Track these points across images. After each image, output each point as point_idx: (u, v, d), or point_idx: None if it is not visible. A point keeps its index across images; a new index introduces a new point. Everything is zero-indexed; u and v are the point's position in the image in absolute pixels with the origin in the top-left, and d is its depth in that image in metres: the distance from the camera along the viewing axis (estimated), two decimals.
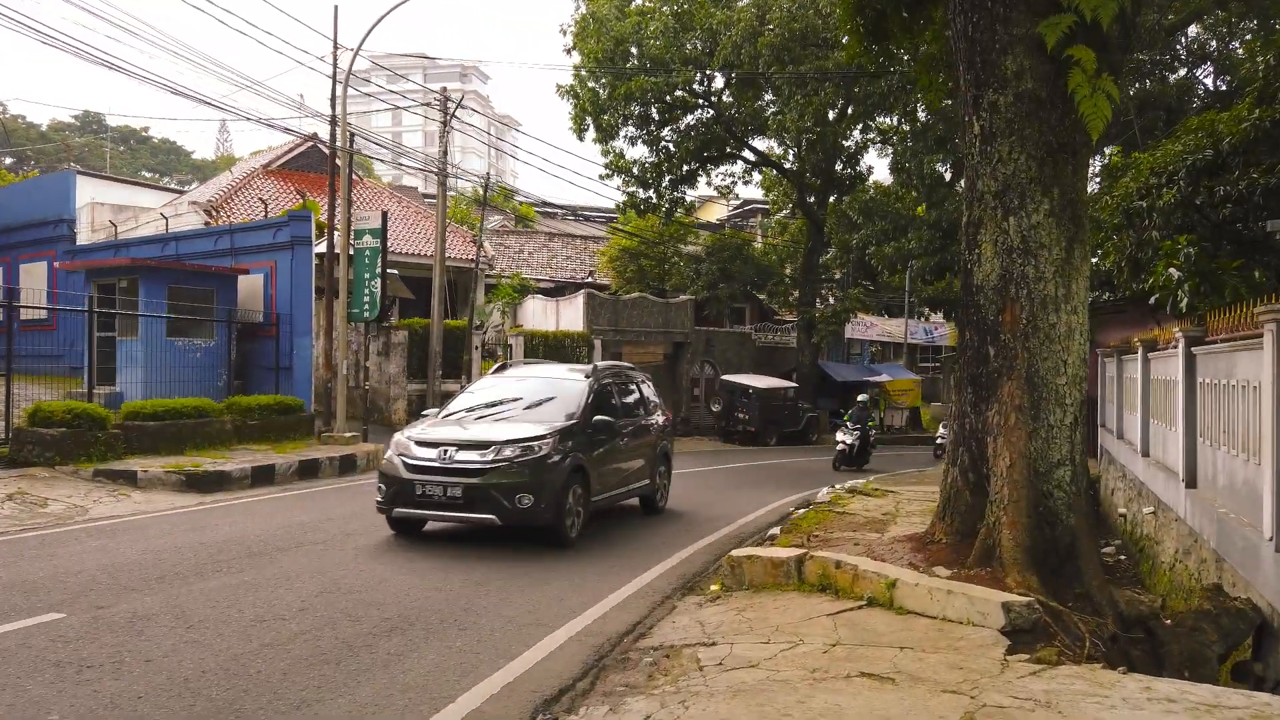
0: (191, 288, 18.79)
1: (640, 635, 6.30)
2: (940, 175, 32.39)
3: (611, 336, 29.16)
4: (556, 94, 32.12)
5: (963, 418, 7.20)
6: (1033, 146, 6.74)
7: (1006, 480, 6.58)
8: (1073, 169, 6.76)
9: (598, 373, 10.95)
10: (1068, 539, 6.57)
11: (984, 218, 6.95)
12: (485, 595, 7.16)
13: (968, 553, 6.85)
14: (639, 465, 11.41)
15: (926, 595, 5.77)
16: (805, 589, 6.80)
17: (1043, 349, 6.73)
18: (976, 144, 6.98)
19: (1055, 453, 6.70)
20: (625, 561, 8.79)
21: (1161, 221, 12.80)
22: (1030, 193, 6.74)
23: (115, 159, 72.21)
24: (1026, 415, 6.68)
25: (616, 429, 10.56)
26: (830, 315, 33.45)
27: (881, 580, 6.12)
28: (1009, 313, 6.81)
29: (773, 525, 11.46)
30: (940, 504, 7.44)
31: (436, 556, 8.60)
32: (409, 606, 6.69)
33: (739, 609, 6.61)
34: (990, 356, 6.93)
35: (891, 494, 12.76)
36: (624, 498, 11.22)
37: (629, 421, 11.15)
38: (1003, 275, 6.85)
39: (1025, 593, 5.82)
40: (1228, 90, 23.31)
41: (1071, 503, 6.66)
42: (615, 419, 10.57)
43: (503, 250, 37.98)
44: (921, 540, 7.48)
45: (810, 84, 27.23)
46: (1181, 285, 10.70)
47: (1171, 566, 8.52)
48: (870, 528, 9.59)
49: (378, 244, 18.56)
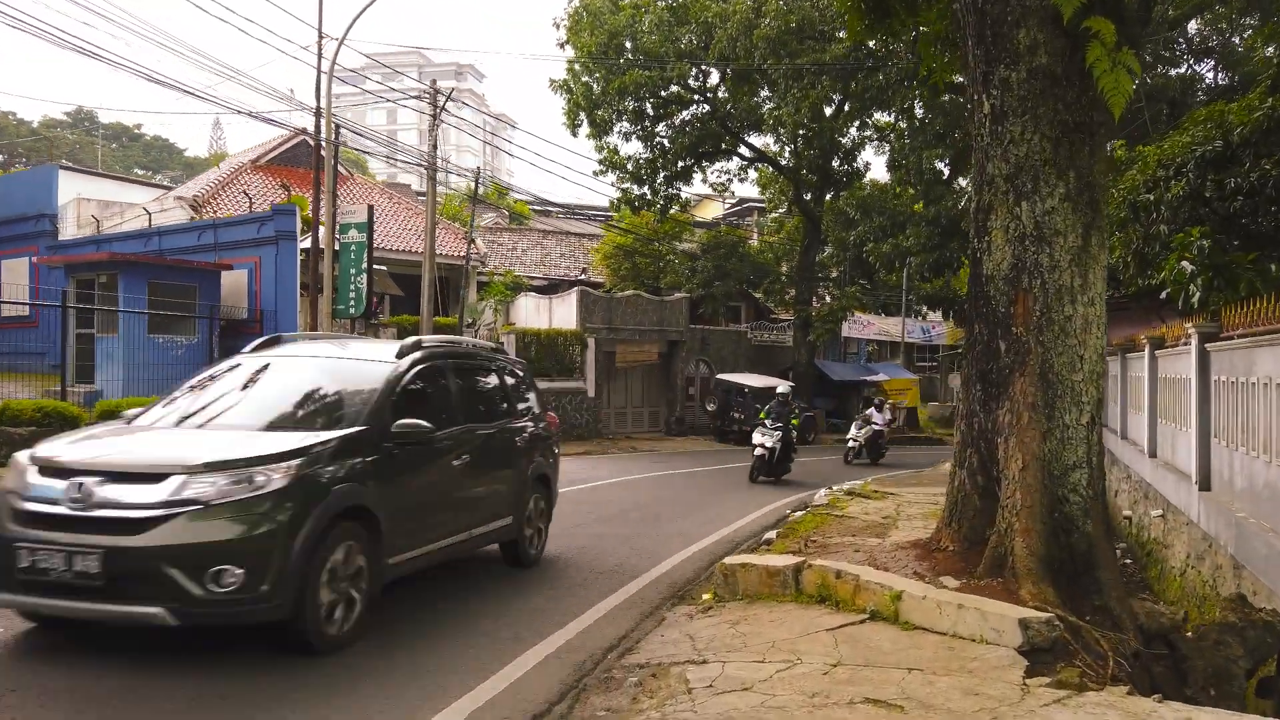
0: (173, 283, 18.33)
1: (626, 650, 5.84)
2: (938, 172, 32.01)
3: (605, 335, 28.69)
4: (550, 88, 31.59)
5: (971, 417, 6.75)
6: (1047, 126, 6.29)
7: (1019, 484, 6.13)
8: (1090, 150, 6.31)
9: (417, 353, 6.95)
10: (1084, 547, 6.13)
11: (994, 203, 6.50)
12: (465, 607, 6.69)
13: (977, 561, 6.40)
14: (493, 496, 7.51)
15: (935, 609, 5.32)
16: (803, 600, 6.35)
17: (1057, 343, 6.28)
18: (986, 124, 6.53)
19: (1071, 454, 6.25)
20: (612, 570, 8.33)
21: (1169, 215, 12.45)
22: (1044, 176, 6.29)
23: (107, 156, 71.64)
24: (1040, 414, 6.24)
25: (445, 442, 6.75)
26: (827, 314, 33.01)
27: (885, 592, 5.67)
28: (1021, 304, 6.37)
29: (769, 529, 11.02)
30: (946, 509, 7.00)
31: None
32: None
33: (732, 622, 6.16)
34: (1001, 351, 6.49)
35: (891, 496, 12.33)
36: (460, 549, 7.11)
37: (476, 429, 7.34)
38: (1014, 264, 6.40)
39: (1041, 606, 5.38)
40: (1230, 85, 23.01)
41: (1089, 508, 6.21)
42: (445, 425, 6.79)
43: (496, 247, 37.48)
44: (927, 547, 7.03)
45: (807, 77, 26.79)
46: (1194, 279, 10.30)
47: (1183, 572, 8.15)
48: (870, 532, 9.15)
49: (364, 239, 18.09)
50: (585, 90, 30.31)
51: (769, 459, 16.69)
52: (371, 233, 18.19)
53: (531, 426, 8.46)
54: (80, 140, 73.42)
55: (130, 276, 17.76)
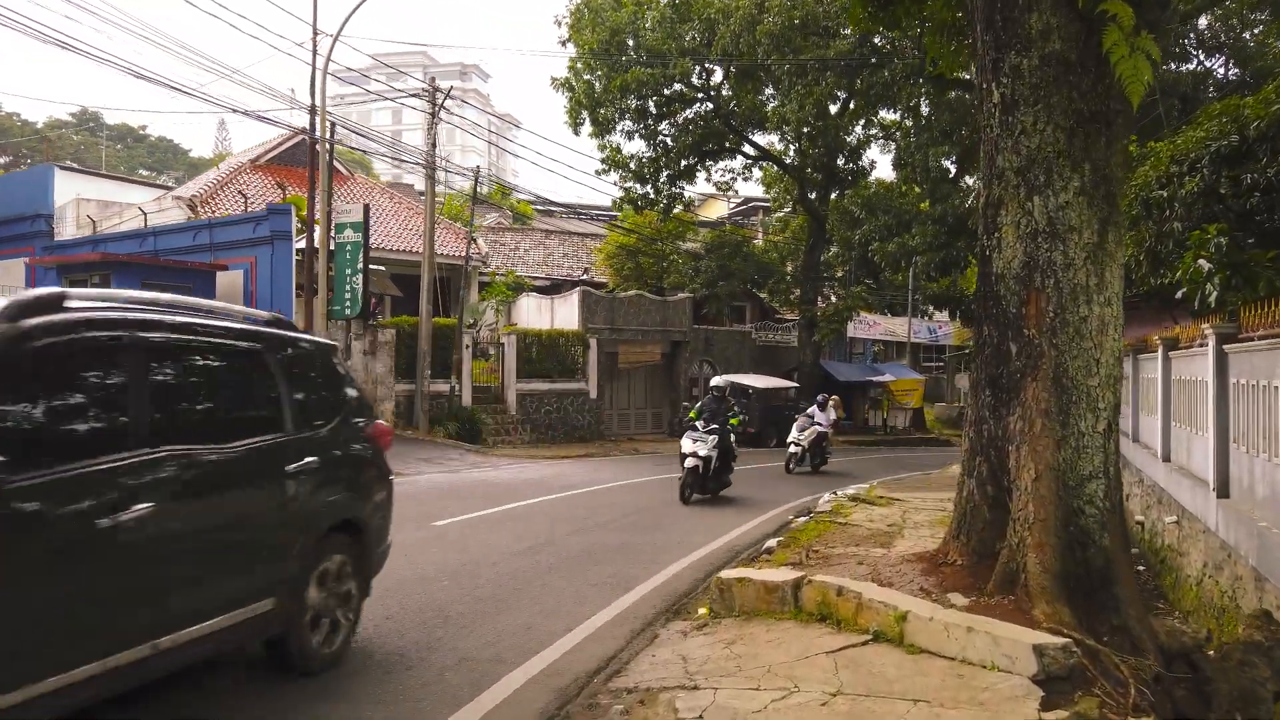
0: (167, 285, 18.05)
1: (614, 673, 5.50)
2: (945, 170, 31.59)
3: (607, 335, 28.37)
4: (551, 86, 31.27)
5: (980, 424, 6.39)
6: (1061, 116, 5.92)
7: (1031, 495, 5.78)
8: (1106, 141, 5.95)
9: (39, 317, 3.78)
10: (1101, 562, 5.77)
11: (1005, 197, 6.14)
12: (444, 625, 6.36)
13: (986, 576, 6.05)
14: (228, 566, 4.58)
15: (942, 632, 4.97)
16: (803, 618, 6.00)
17: (1072, 345, 5.92)
18: (996, 114, 6.17)
19: (1087, 464, 5.89)
20: (605, 582, 7.99)
21: (1183, 212, 12.12)
22: (1058, 168, 5.93)
23: (112, 157, 71.64)
24: (1054, 421, 5.88)
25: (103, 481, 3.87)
26: (832, 313, 32.62)
27: (890, 612, 5.33)
28: (1033, 304, 6.01)
29: (770, 536, 10.67)
30: (954, 520, 6.64)
31: (400, 571, 7.81)
32: (357, 641, 5.89)
33: (727, 641, 5.82)
34: (1012, 354, 6.13)
35: (897, 502, 11.96)
36: (147, 671, 4.07)
37: (190, 455, 4.32)
38: (1026, 262, 6.04)
39: (1056, 627, 5.03)
40: (1242, 81, 22.61)
41: (1106, 521, 5.85)
42: (105, 448, 3.95)
43: (498, 247, 37.19)
44: (933, 560, 6.68)
45: (811, 73, 26.40)
46: (1211, 278, 9.95)
47: (1199, 581, 7.82)
48: (875, 541, 8.79)
49: (359, 238, 17.78)
50: (587, 88, 29.99)
51: (702, 471, 13.45)
52: (367, 232, 17.88)
53: (330, 444, 5.42)
54: (85, 141, 73.45)
55: (123, 277, 17.51)
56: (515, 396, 25.67)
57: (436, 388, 23.69)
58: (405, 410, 23.41)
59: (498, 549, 9.19)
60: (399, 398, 23.40)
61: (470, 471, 17.31)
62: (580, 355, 27.54)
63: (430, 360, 23.31)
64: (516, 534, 10.12)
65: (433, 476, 15.92)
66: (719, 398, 14.61)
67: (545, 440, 25.68)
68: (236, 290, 19.44)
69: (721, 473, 13.95)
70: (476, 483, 15.48)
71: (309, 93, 17.91)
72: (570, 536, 10.16)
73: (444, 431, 22.72)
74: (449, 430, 22.76)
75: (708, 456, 13.37)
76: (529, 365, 26.02)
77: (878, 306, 35.84)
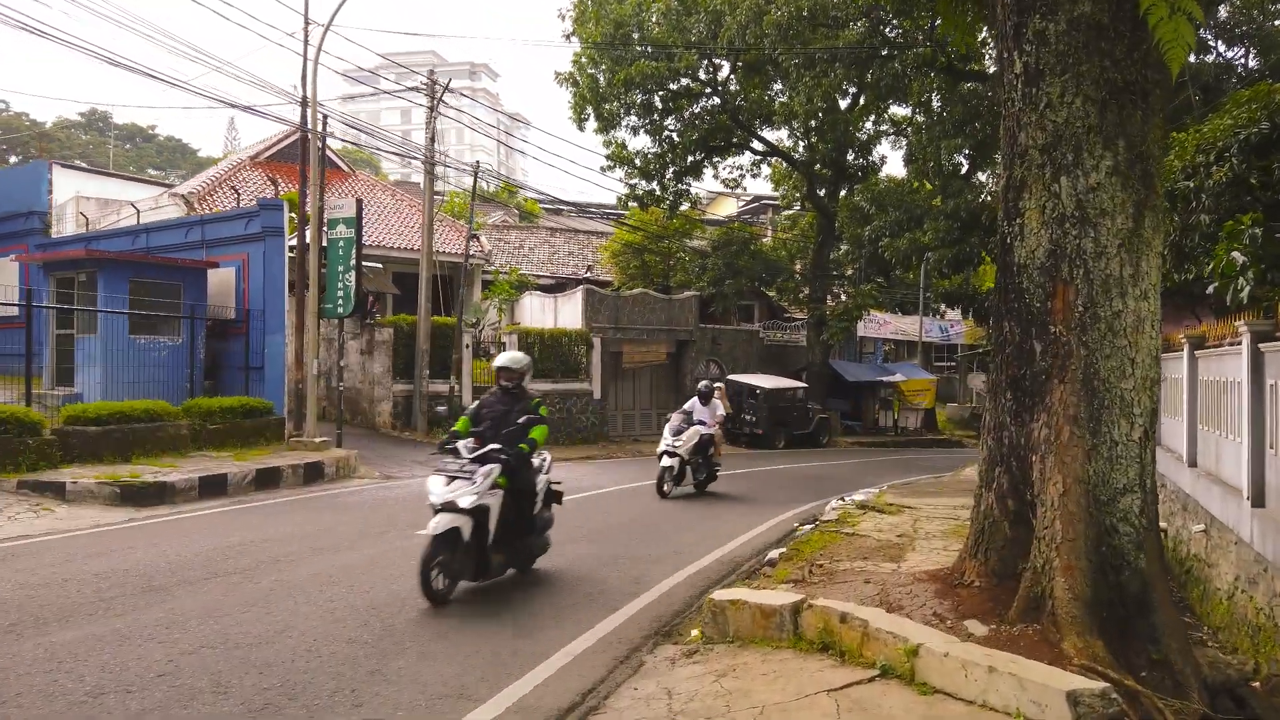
0: (156, 282, 17.54)
1: (591, 710, 4.93)
2: (957, 166, 30.87)
3: (612, 334, 27.77)
4: (555, 81, 30.68)
5: (1000, 430, 5.76)
6: (1091, 86, 5.30)
7: (1059, 511, 5.15)
8: (1142, 115, 5.32)
9: None
10: (1137, 587, 5.14)
11: (1028, 179, 5.51)
12: (404, 651, 5.77)
13: (1007, 600, 5.43)
14: None
15: (959, 670, 4.35)
16: (802, 647, 5.40)
17: (1104, 344, 5.29)
18: (1019, 85, 5.54)
19: (1120, 476, 5.26)
20: (591, 599, 7.39)
21: (1211, 204, 11.52)
22: (1088, 145, 5.30)
23: (120, 156, 71.56)
24: (1084, 428, 5.25)
25: None
26: (842, 312, 31.94)
27: (899, 644, 4.72)
28: (1061, 298, 5.38)
29: (773, 546, 10.08)
30: (971, 536, 6.02)
31: (370, 590, 7.24)
32: (303, 669, 5.32)
33: (718, 673, 5.22)
34: (1036, 354, 5.50)
35: (908, 510, 11.33)
36: None
37: None
38: (1053, 251, 5.41)
39: (1089, 664, 4.41)
40: (1263, 71, 21.89)
41: (1142, 540, 5.23)
42: None
43: (502, 245, 36.67)
44: (948, 580, 6.05)
45: (820, 65, 25.72)
46: (1245, 272, 9.31)
47: (1230, 595, 7.23)
48: (884, 554, 8.18)
49: (353, 234, 17.23)
50: (591, 83, 29.45)
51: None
52: (360, 228, 17.33)
53: None
54: (94, 141, 73.42)
55: (110, 274, 16.97)
56: None
57: (436, 388, 23.16)
58: (403, 411, 22.89)
59: None
60: (397, 398, 22.89)
61: None
62: (584, 355, 26.97)
63: (430, 360, 22.78)
64: None
65: (425, 481, 15.35)
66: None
67: (547, 442, 25.06)
68: (229, 288, 18.88)
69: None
70: None
71: (300, 84, 17.36)
72: (559, 548, 9.54)
73: (443, 433, 22.11)
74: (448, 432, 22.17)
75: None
76: (531, 364, 25.41)
77: (888, 305, 35.13)
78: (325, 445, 16.45)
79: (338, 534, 9.79)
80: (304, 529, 10.08)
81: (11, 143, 62.79)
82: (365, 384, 23.21)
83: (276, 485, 13.65)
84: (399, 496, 13.30)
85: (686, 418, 14.22)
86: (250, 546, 8.88)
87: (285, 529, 10.04)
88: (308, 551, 8.74)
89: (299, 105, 17.61)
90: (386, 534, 9.92)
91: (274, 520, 10.70)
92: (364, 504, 12.50)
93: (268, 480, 13.54)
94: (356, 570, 7.98)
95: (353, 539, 9.53)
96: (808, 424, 28.53)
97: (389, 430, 22.30)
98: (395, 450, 19.39)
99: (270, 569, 7.91)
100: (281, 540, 9.31)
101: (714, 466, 14.61)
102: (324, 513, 11.58)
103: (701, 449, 14.21)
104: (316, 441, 16.44)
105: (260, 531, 9.80)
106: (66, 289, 17.92)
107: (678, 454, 13.80)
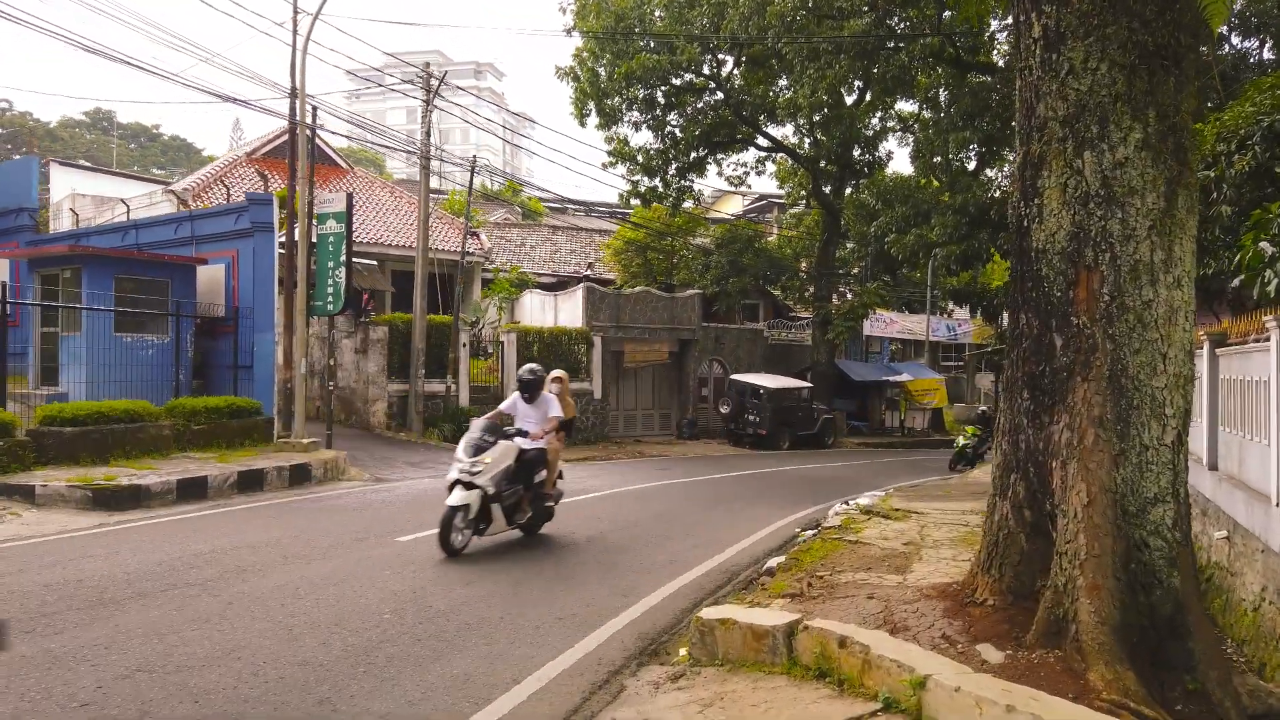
0: (143, 278, 17.11)
1: None
2: (965, 161, 30.27)
3: (613, 333, 27.26)
4: (556, 75, 30.20)
5: (1016, 433, 5.23)
6: (1118, 50, 4.76)
7: (1083, 524, 4.62)
8: (1175, 82, 4.78)
9: None
10: (1170, 609, 4.61)
11: (1047, 154, 4.97)
12: (360, 676, 5.26)
13: (1024, 621, 4.90)
14: None
15: (973, 708, 3.83)
16: (797, 673, 4.88)
17: (1133, 337, 4.76)
18: (1037, 51, 5.01)
19: (1151, 484, 4.72)
20: (574, 614, 6.87)
21: (1233, 195, 11.02)
22: (1115, 116, 4.76)
23: (125, 156, 71.36)
24: (1110, 431, 4.72)
25: None
26: (847, 311, 31.37)
27: (905, 675, 4.19)
28: (1084, 286, 4.84)
29: (773, 553, 9.56)
30: (984, 549, 5.48)
31: (337, 603, 6.74)
32: (244, 696, 4.82)
33: (704, 702, 4.70)
34: (1056, 348, 4.97)
35: (915, 515, 10.79)
36: None
37: None
38: (1075, 234, 4.88)
39: (1120, 700, 3.88)
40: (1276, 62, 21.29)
41: (1175, 556, 4.69)
42: None
43: (503, 243, 36.19)
44: (958, 598, 5.52)
45: (824, 56, 25.14)
46: (1273, 264, 8.78)
47: (1256, 607, 6.71)
48: (888, 565, 7.65)
49: (342, 229, 16.75)
50: (592, 77, 28.96)
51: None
52: (350, 223, 16.84)
53: None
54: (98, 140, 73.28)
55: (94, 271, 16.53)
56: None
57: (432, 388, 22.69)
58: (398, 411, 22.42)
59: (459, 570, 8.11)
60: (392, 398, 22.42)
61: None
62: (584, 354, 26.47)
63: (426, 359, 22.31)
64: (485, 552, 9.03)
65: (416, 483, 14.87)
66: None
67: None
68: (218, 285, 18.44)
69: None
70: None
71: (289, 75, 16.91)
72: (546, 556, 9.06)
73: (438, 434, 21.69)
74: (444, 432, 21.73)
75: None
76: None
77: (895, 303, 34.54)
78: (314, 446, 15.98)
79: (313, 541, 9.30)
80: (279, 535, 9.58)
81: (16, 142, 62.65)
82: (360, 384, 22.74)
83: (260, 488, 13.18)
84: (385, 500, 12.81)
85: (492, 427, 9.14)
86: (218, 555, 8.40)
87: (260, 535, 9.54)
88: (278, 560, 8.25)
89: (298, 100, 17.17)
90: (364, 541, 9.42)
91: (250, 525, 10.22)
92: (348, 508, 12.02)
93: (251, 483, 13.07)
94: (326, 582, 7.48)
95: (328, 547, 9.04)
96: (813, 424, 27.99)
97: (384, 431, 21.83)
98: (388, 451, 18.91)
99: (234, 580, 7.42)
100: (253, 548, 8.82)
101: (545, 502, 9.67)
102: (304, 517, 11.09)
103: (521, 475, 9.10)
104: (305, 443, 15.97)
105: (233, 538, 9.31)
106: (51, 286, 17.51)
107: (476, 485, 8.52)
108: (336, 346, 21.81)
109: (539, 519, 9.77)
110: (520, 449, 9.10)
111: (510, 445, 9.01)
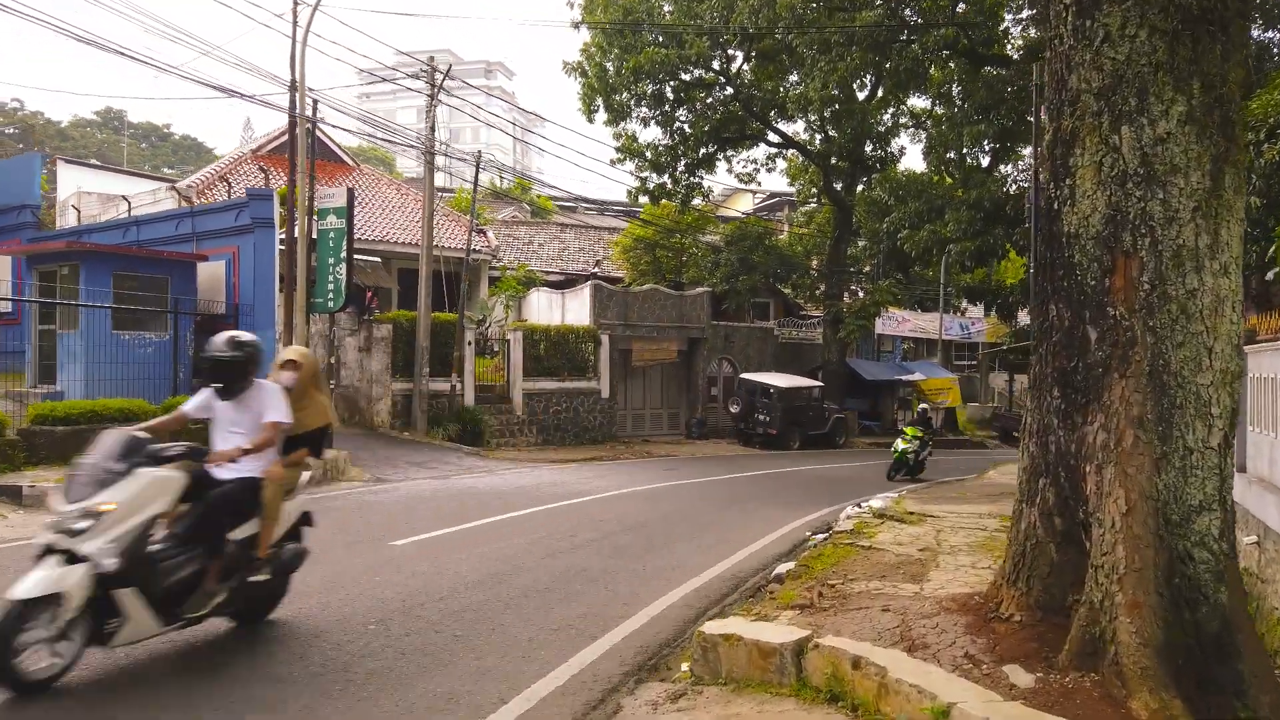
0: (142, 275, 16.85)
1: None
2: (978, 157, 29.77)
3: (620, 331, 26.87)
4: (563, 70, 29.80)
5: (1045, 434, 4.82)
6: (1159, 15, 4.35)
7: (1121, 534, 4.21)
8: (1222, 50, 4.36)
9: None
10: (1217, 626, 4.19)
11: (1080, 130, 4.56)
12: (339, 692, 4.89)
13: (1055, 639, 4.49)
14: None
15: None
16: (806, 696, 4.48)
17: (1175, 329, 4.34)
18: (1068, 17, 4.59)
19: (1196, 491, 4.31)
20: (571, 625, 6.49)
21: (1262, 185, 10.58)
22: (1156, 87, 4.35)
23: (136, 155, 71.40)
24: (1151, 432, 4.30)
25: None
26: (859, 309, 30.89)
27: (926, 702, 3.79)
28: (1122, 274, 4.43)
29: (782, 559, 9.16)
30: (1010, 559, 5.07)
31: (317, 614, 6.38)
32: None
33: None
34: (1091, 342, 4.55)
35: (930, 519, 10.37)
36: None
37: None
38: (1111, 216, 4.47)
39: None
40: None
41: (1222, 569, 4.27)
42: None
43: (512, 241, 35.85)
44: (981, 612, 5.12)
45: (835, 48, 24.68)
46: None
47: None
48: (904, 573, 7.24)
49: (343, 225, 16.44)
50: (601, 72, 28.58)
51: None
52: (351, 218, 16.53)
53: None
54: (109, 139, 73.39)
55: (92, 267, 16.28)
56: (521, 396, 24.26)
57: (437, 386, 22.35)
58: (403, 410, 22.09)
59: (453, 577, 7.75)
60: (396, 397, 22.08)
61: (462, 478, 15.90)
62: (591, 352, 26.10)
63: (431, 357, 21.98)
64: (483, 557, 8.67)
65: (417, 483, 14.53)
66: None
67: (553, 443, 24.25)
68: (219, 282, 18.17)
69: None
70: (463, 491, 14.06)
71: (289, 67, 16.60)
72: (545, 560, 8.69)
73: (443, 433, 21.36)
74: (449, 431, 21.40)
75: None
76: (537, 363, 24.59)
77: (907, 302, 34.01)
78: None
79: None
80: None
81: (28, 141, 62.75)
82: (363, 382, 22.42)
83: None
84: (384, 501, 12.47)
85: (138, 445, 5.25)
86: None
87: None
88: None
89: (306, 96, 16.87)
90: (357, 545, 9.07)
91: None
92: (345, 509, 11.68)
93: None
94: (311, 590, 7.11)
95: (318, 552, 8.56)
96: (824, 424, 27.55)
97: (387, 430, 21.50)
98: (391, 451, 18.57)
99: None
100: None
101: (257, 574, 5.72)
102: None
103: (203, 526, 5.45)
104: None
105: None
106: (50, 283, 17.26)
107: (81, 556, 4.80)
108: (340, 344, 21.51)
109: (253, 600, 5.88)
110: (194, 479, 5.36)
111: (163, 477, 5.17)
